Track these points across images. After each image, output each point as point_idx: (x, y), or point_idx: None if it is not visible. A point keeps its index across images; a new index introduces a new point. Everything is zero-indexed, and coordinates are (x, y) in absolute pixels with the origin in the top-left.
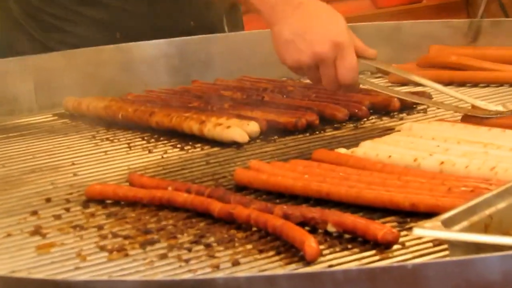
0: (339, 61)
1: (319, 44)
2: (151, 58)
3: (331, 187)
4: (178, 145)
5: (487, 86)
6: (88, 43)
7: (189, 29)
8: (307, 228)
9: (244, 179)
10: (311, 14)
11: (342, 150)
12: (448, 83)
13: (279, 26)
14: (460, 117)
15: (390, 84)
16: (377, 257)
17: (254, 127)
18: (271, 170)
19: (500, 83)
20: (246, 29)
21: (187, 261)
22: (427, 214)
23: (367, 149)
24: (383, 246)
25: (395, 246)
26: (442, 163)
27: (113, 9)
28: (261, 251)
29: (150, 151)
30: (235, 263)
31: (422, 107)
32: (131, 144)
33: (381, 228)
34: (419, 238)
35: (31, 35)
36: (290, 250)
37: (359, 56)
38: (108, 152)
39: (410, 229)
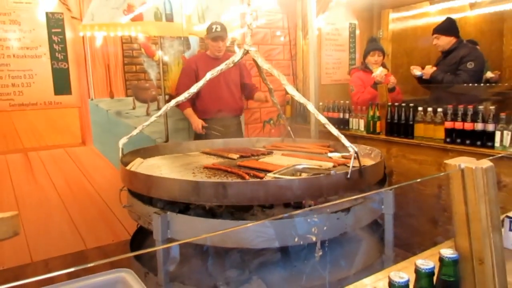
0: None
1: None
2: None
3: (261, 165)
4: (224, 158)
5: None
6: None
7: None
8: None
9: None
10: None
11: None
12: (276, 150)
13: None
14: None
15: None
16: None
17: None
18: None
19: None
20: None
21: (227, 177)
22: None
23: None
24: (262, 178)
25: (266, 178)
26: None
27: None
28: (243, 178)
29: (217, 159)
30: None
31: (275, 151)
32: (218, 158)
33: (262, 174)
34: (270, 177)
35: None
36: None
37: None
38: (211, 160)
39: (269, 174)
